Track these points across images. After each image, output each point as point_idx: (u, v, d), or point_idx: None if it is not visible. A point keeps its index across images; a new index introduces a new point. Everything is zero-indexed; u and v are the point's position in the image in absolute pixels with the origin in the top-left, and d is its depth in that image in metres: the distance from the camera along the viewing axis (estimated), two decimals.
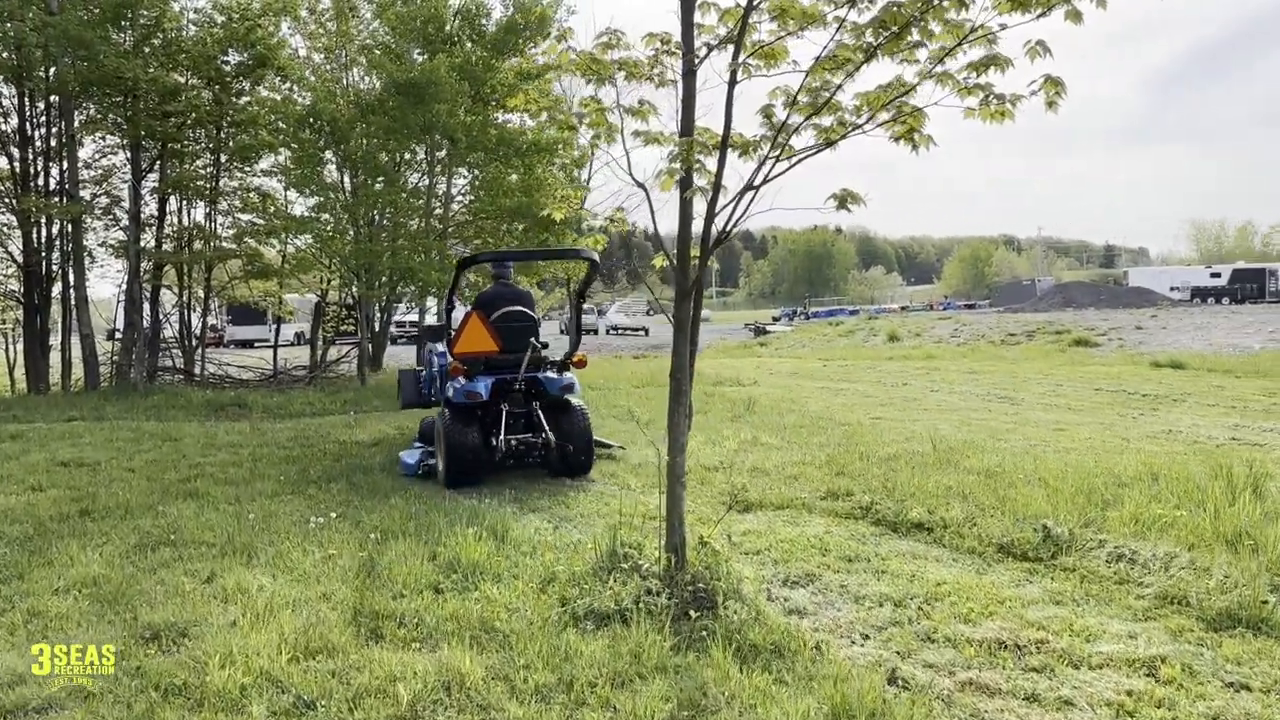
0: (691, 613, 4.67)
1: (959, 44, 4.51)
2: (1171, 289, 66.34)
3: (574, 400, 9.09)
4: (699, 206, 5.18)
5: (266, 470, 9.28)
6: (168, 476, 9.07)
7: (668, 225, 5.45)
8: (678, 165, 4.77)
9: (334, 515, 7.12)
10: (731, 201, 4.98)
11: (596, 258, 9.19)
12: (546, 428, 8.76)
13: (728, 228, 5.04)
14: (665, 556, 5.09)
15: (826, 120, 5.08)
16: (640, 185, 5.25)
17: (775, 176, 4.92)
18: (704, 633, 4.49)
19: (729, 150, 5.10)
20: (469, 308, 9.65)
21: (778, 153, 4.92)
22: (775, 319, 73.80)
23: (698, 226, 5.23)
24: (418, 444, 9.86)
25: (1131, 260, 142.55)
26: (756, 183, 4.91)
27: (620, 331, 56.59)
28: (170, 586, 5.50)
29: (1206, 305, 56.37)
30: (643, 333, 55.66)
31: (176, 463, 9.89)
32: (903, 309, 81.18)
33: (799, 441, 10.00)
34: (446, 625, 4.74)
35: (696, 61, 5.07)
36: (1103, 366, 21.34)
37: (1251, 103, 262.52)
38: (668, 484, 5.22)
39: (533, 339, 9.03)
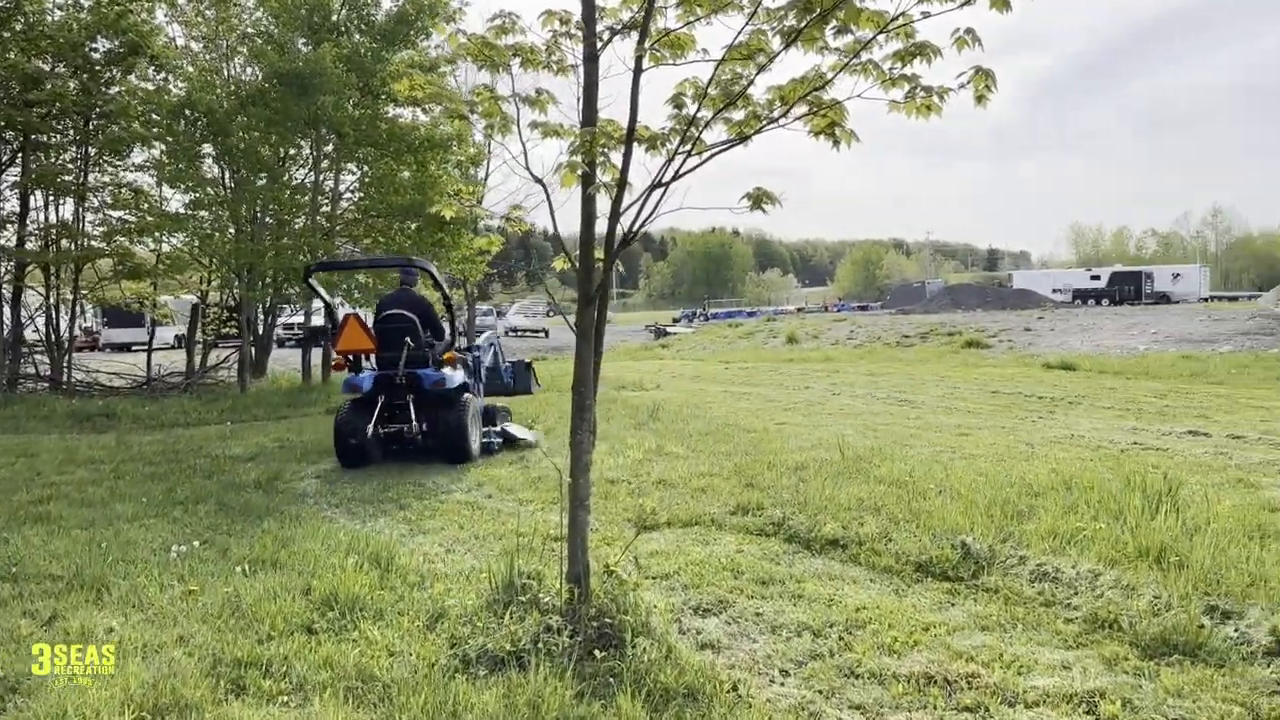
0: (597, 653, 4.22)
1: (882, 30, 4.18)
2: (1054, 291, 68.79)
3: (462, 395, 10.12)
4: (603, 204, 4.76)
5: (128, 490, 8.49)
6: (17, 498, 8.23)
7: (570, 224, 5.01)
8: (579, 159, 4.32)
9: (198, 543, 6.45)
10: (639, 200, 4.56)
11: (432, 268, 10.69)
12: (414, 418, 9.77)
13: (634, 228, 4.61)
14: (567, 588, 4.63)
15: (739, 114, 4.71)
16: (539, 181, 4.80)
17: (686, 173, 4.52)
18: (611, 676, 4.05)
19: (635, 144, 4.68)
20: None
21: (689, 147, 4.52)
22: (676, 320, 73.98)
23: (601, 226, 4.81)
24: None
25: (1014, 263, 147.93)
26: (666, 179, 4.50)
27: (520, 333, 55.87)
28: (4, 630, 4.84)
29: (1087, 306, 58.57)
30: (542, 334, 55.09)
31: (29, 481, 9.03)
32: (799, 310, 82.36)
33: (705, 450, 9.66)
34: (319, 674, 4.20)
35: (599, 45, 4.64)
36: (995, 368, 21.70)
37: (1122, 112, 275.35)
38: (570, 508, 4.76)
39: (407, 339, 9.85)
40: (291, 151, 19.11)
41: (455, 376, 10.12)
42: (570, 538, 4.74)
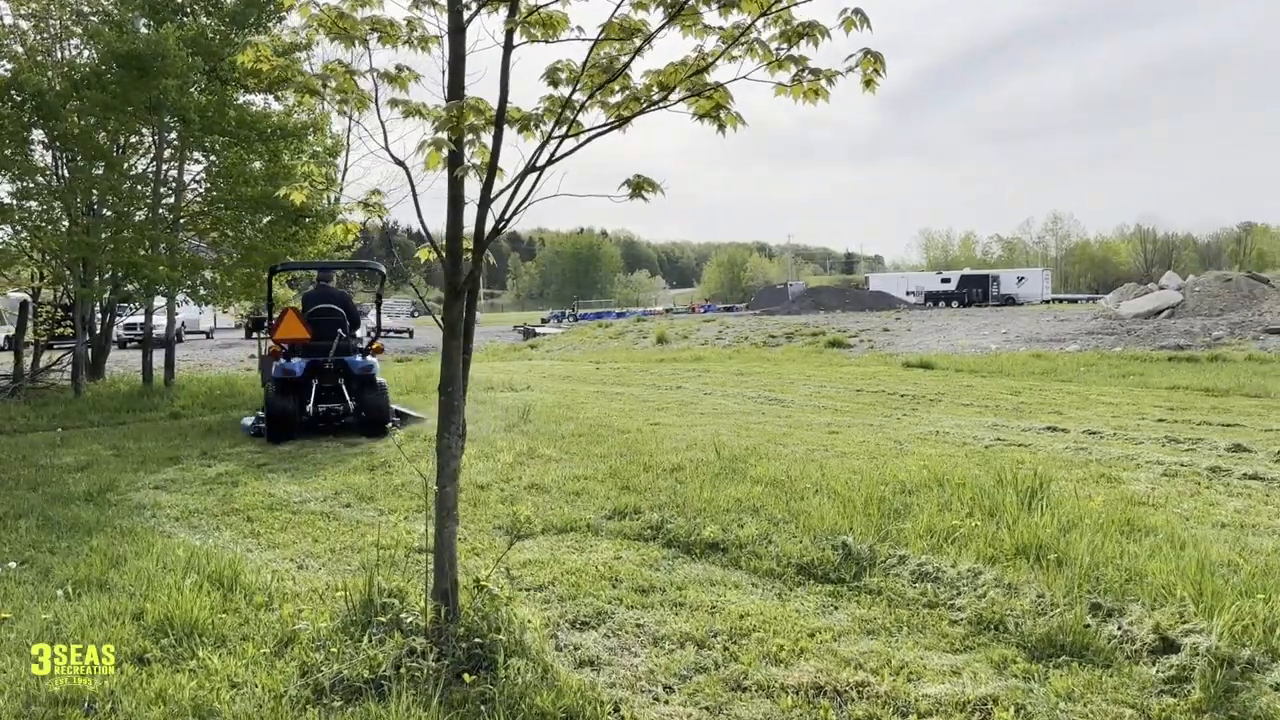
0: (466, 676, 3.88)
1: (765, 12, 3.98)
2: (908, 293, 71.46)
3: (377, 377, 11.63)
4: (471, 191, 4.41)
5: None
6: None
7: (435, 214, 4.64)
8: (446, 136, 3.95)
9: (16, 564, 5.77)
10: (512, 185, 4.23)
11: (384, 269, 13.13)
12: (348, 398, 11.40)
13: (507, 215, 4.28)
14: (433, 605, 4.25)
15: (617, 97, 4.45)
16: (400, 163, 4.42)
17: (562, 156, 4.21)
18: (481, 702, 3.72)
19: (507, 126, 4.35)
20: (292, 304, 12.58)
21: (564, 130, 4.22)
22: (544, 320, 73.35)
23: (470, 215, 4.46)
24: (258, 412, 11.90)
25: (869, 267, 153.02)
26: (540, 163, 4.18)
27: (384, 334, 54.23)
28: None
29: (939, 308, 60.96)
30: (407, 335, 53.81)
31: None
32: (666, 311, 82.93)
33: (579, 452, 9.35)
34: (150, 711, 3.74)
35: (466, 17, 4.29)
36: (858, 367, 22.15)
37: (968, 122, 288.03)
38: (436, 519, 4.39)
39: (340, 329, 11.42)
40: (132, 139, 17.83)
41: (376, 363, 11.81)
42: (437, 551, 4.37)
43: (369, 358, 11.68)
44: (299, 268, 16.42)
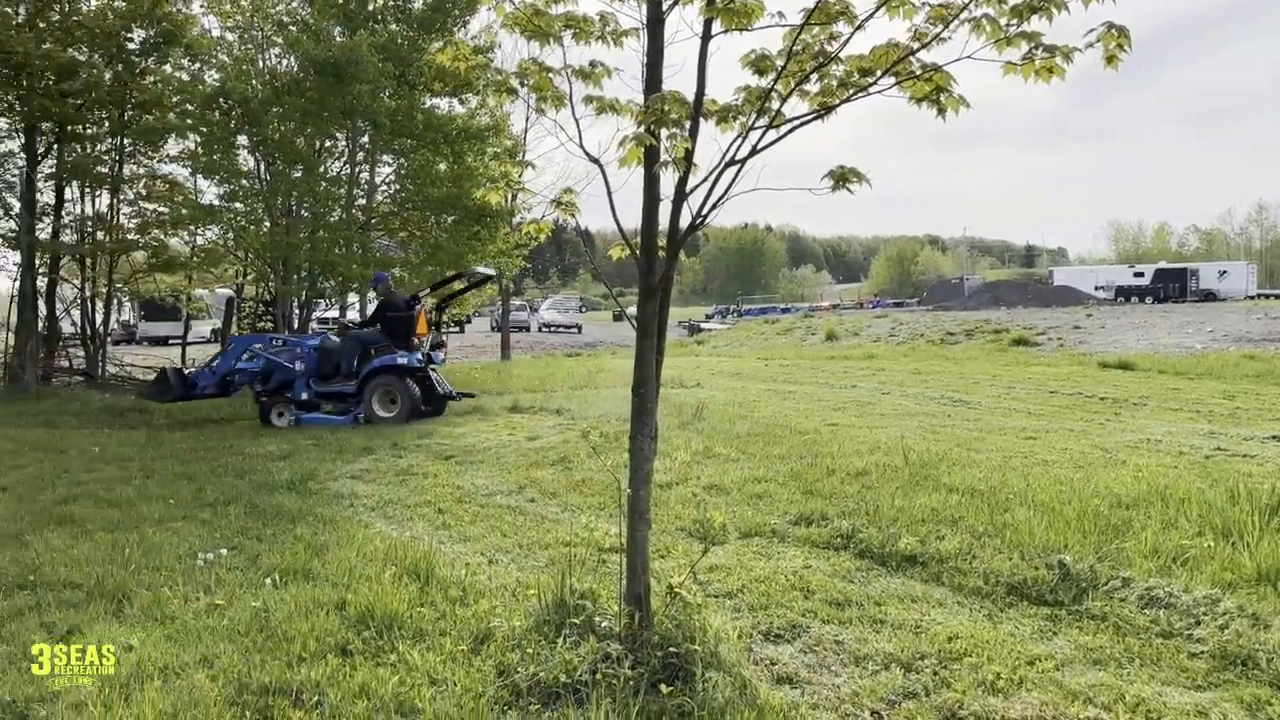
0: (663, 687, 3.75)
1: None
2: (1096, 288, 67.38)
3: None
4: (665, 187, 4.28)
5: (157, 490, 8.12)
6: (42, 497, 7.91)
7: (623, 211, 4.54)
8: (647, 130, 3.83)
9: (227, 550, 6.05)
10: (709, 178, 4.08)
11: (493, 273, 15.11)
12: (449, 385, 13.84)
13: (704, 210, 4.13)
14: (626, 610, 4.15)
15: (814, 86, 4.23)
16: (595, 160, 4.33)
17: (764, 148, 4.02)
18: (679, 715, 3.58)
19: (702, 119, 4.20)
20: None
21: (767, 120, 4.03)
22: (709, 316, 73.44)
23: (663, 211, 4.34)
24: (302, 413, 13.06)
25: (1051, 260, 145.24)
26: (741, 156, 4.01)
27: (553, 329, 55.77)
28: (16, 648, 4.43)
29: (1131, 304, 57.23)
30: (576, 330, 55.06)
31: (56, 479, 8.72)
32: (834, 307, 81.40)
33: (756, 452, 9.13)
34: (354, 705, 3.77)
35: (664, 7, 4.16)
36: (1049, 367, 20.96)
37: (1161, 104, 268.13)
38: (629, 522, 4.29)
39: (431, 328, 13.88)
40: (327, 143, 18.82)
41: None
42: (629, 555, 4.27)
43: (439, 351, 14.07)
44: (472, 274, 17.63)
